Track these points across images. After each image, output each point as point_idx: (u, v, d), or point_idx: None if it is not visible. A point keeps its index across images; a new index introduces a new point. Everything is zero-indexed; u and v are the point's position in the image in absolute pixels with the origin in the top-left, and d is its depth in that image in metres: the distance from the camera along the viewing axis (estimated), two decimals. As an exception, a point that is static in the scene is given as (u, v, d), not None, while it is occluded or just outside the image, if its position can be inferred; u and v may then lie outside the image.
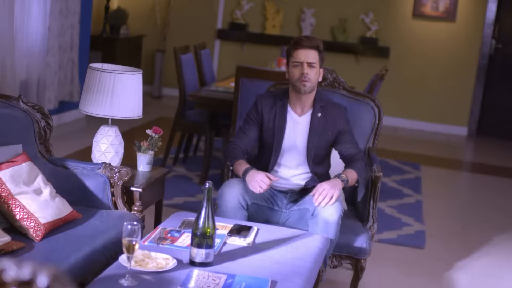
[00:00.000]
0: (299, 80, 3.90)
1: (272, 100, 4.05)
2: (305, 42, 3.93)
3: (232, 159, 3.91)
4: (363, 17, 9.97)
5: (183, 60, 6.66)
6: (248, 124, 4.04)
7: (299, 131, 4.00)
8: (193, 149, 7.40)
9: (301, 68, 3.89)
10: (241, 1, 10.24)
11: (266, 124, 4.01)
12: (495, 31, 9.93)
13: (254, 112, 4.05)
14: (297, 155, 3.99)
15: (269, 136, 4.01)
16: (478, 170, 8.24)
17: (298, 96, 3.98)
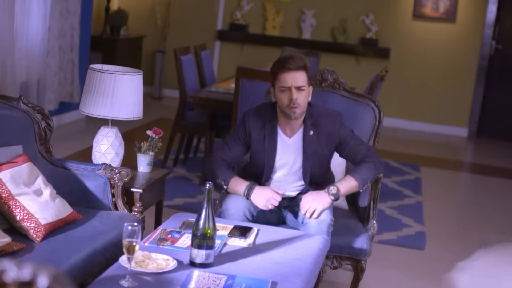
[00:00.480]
0: (288, 107, 3.68)
1: (261, 121, 3.84)
2: (291, 64, 3.68)
3: (225, 176, 3.78)
4: (363, 18, 9.97)
5: (183, 61, 6.66)
6: (234, 140, 3.87)
7: (291, 153, 3.83)
8: (193, 150, 7.40)
9: (289, 93, 3.66)
10: (241, 2, 10.24)
11: (255, 146, 3.85)
12: (495, 32, 9.93)
13: (242, 131, 3.86)
14: (291, 175, 3.87)
15: (259, 157, 3.85)
16: (478, 171, 8.24)
17: (287, 120, 3.78)
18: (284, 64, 3.69)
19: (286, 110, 3.69)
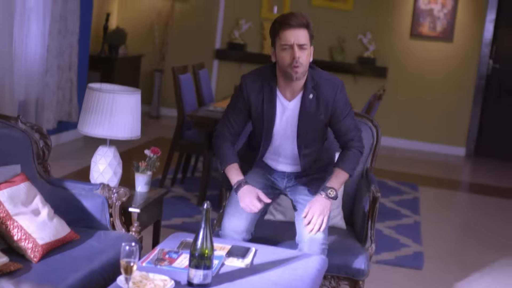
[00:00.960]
0: (290, 66, 3.54)
1: (259, 83, 3.72)
2: (293, 21, 3.54)
3: (223, 161, 3.76)
4: (361, 37, 10.00)
5: (182, 80, 6.67)
6: (233, 110, 3.79)
7: (289, 118, 3.72)
8: (191, 169, 7.39)
9: (291, 51, 3.54)
10: (239, 21, 10.27)
11: (254, 109, 3.74)
12: (493, 51, 9.96)
13: (240, 99, 3.76)
14: (288, 143, 3.78)
15: (258, 122, 3.76)
16: (476, 191, 8.24)
17: (287, 82, 3.65)
18: (286, 21, 3.56)
19: (288, 69, 3.57)
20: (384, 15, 10.02)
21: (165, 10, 10.49)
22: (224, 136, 3.80)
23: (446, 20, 9.88)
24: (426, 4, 9.90)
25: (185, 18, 10.49)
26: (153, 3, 10.49)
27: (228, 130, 3.80)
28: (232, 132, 3.80)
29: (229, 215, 3.80)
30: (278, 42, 3.59)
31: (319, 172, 3.88)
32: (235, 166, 3.75)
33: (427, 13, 9.91)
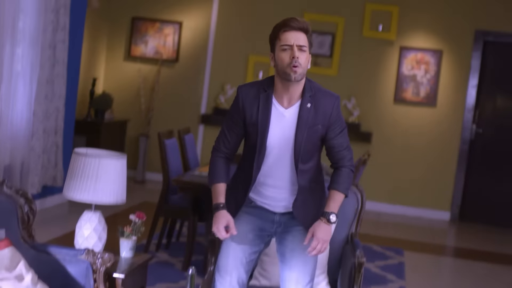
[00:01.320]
0: (289, 66, 3.53)
1: (255, 90, 3.68)
2: (294, 23, 3.58)
3: (212, 178, 3.75)
4: (346, 102, 10.09)
5: (167, 144, 6.70)
6: (229, 124, 3.75)
7: (286, 126, 3.66)
8: (176, 234, 7.36)
9: (290, 52, 3.55)
10: (225, 86, 10.36)
11: (249, 117, 3.67)
12: (476, 116, 10.08)
13: (236, 109, 3.71)
14: (285, 157, 3.68)
15: (253, 132, 3.67)
16: (461, 256, 8.23)
17: (285, 86, 3.61)
18: (287, 23, 3.59)
19: (287, 69, 3.55)
20: (368, 81, 10.14)
21: (151, 75, 10.58)
22: (220, 151, 3.79)
23: (430, 85, 10.01)
24: (409, 70, 10.04)
25: (171, 83, 10.58)
26: (139, 69, 10.58)
27: (223, 144, 3.78)
28: (228, 146, 3.77)
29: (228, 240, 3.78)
30: (278, 44, 3.61)
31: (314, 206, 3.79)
32: (220, 186, 3.73)
33: (410, 79, 10.04)
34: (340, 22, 10.15)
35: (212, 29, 10.50)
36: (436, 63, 10.01)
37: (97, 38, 10.43)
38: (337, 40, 10.16)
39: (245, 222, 3.78)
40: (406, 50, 10.06)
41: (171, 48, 10.58)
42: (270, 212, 3.80)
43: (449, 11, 9.98)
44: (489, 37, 9.97)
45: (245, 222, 3.78)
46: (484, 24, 9.93)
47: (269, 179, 3.72)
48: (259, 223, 3.80)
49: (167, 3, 10.60)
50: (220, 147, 3.79)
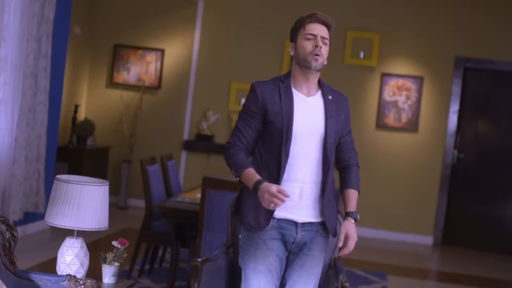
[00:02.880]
0: (311, 54, 3.60)
1: (272, 83, 3.68)
2: (320, 16, 3.66)
3: (238, 167, 3.56)
4: (328, 128, 10.12)
5: (150, 171, 6.69)
6: (245, 119, 3.66)
7: (312, 112, 3.66)
8: (159, 260, 7.34)
9: (313, 41, 3.62)
10: (207, 112, 10.39)
11: (271, 108, 3.61)
12: (457, 141, 10.15)
13: (254, 102, 3.65)
14: (312, 143, 3.64)
15: (278, 121, 3.59)
16: (445, 279, 8.25)
17: (305, 75, 3.67)
18: (314, 15, 3.67)
19: (308, 57, 3.61)
20: (350, 107, 10.15)
21: (134, 102, 10.60)
22: (237, 146, 3.66)
23: (411, 111, 10.08)
24: (391, 96, 10.10)
25: (154, 110, 10.59)
26: (121, 95, 10.59)
27: (239, 139, 3.66)
28: (244, 142, 3.66)
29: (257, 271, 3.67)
30: (301, 33, 3.66)
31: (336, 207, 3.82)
32: (250, 170, 3.54)
33: (392, 105, 10.11)
34: (322, 48, 10.21)
35: (194, 56, 10.54)
36: (417, 89, 10.09)
37: (79, 65, 10.44)
38: (319, 66, 10.20)
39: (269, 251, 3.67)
40: (387, 76, 10.13)
41: (153, 75, 10.61)
42: (291, 225, 3.67)
43: (429, 38, 10.07)
44: (469, 63, 10.06)
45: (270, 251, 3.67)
46: (464, 50, 10.03)
47: (294, 173, 3.63)
48: (282, 249, 3.70)
49: (149, 31, 10.64)
50: (236, 143, 3.67)
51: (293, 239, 3.69)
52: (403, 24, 10.12)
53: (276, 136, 3.60)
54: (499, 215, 10.07)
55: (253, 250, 3.65)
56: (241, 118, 3.70)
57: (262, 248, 3.64)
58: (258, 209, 3.58)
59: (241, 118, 3.70)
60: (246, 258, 3.69)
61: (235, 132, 3.69)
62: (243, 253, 3.73)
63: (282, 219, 3.64)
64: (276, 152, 3.60)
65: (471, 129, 10.24)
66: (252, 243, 3.66)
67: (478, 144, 10.21)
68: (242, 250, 3.74)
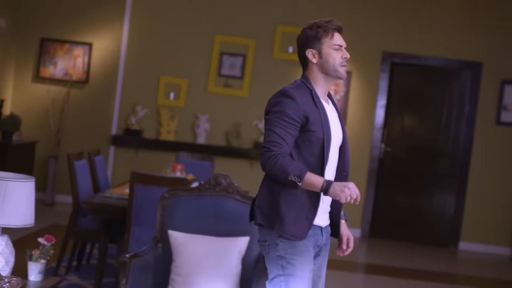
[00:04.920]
0: (340, 65, 3.64)
1: (301, 89, 3.62)
2: (341, 26, 3.69)
3: (301, 171, 3.38)
4: (257, 123, 10.17)
5: (77, 166, 6.61)
6: (286, 125, 3.51)
7: (333, 121, 3.68)
8: (87, 257, 7.26)
9: (342, 52, 3.65)
10: (135, 107, 10.31)
11: (312, 117, 3.54)
12: (384, 135, 10.30)
13: (294, 109, 3.52)
14: (336, 149, 3.68)
15: (319, 130, 3.55)
16: (372, 271, 8.36)
17: (328, 83, 3.70)
18: (338, 25, 3.68)
19: (338, 68, 3.64)
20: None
21: (61, 96, 10.45)
22: (284, 153, 3.46)
23: (339, 105, 10.17)
24: (319, 90, 10.18)
25: (81, 105, 10.47)
26: (48, 90, 10.43)
27: (283, 147, 3.48)
28: (287, 150, 3.50)
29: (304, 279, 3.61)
30: (327, 41, 3.65)
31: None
32: (310, 173, 3.43)
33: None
34: (251, 44, 10.24)
35: (123, 50, 10.45)
36: (345, 83, 10.20)
37: (4, 59, 10.25)
38: (248, 62, 10.24)
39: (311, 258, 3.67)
40: (315, 70, 10.19)
41: (81, 70, 10.48)
42: (318, 229, 3.70)
43: (357, 33, 10.18)
44: (396, 58, 10.21)
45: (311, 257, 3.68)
46: (391, 46, 10.18)
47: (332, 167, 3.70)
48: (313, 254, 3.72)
49: (77, 25, 10.50)
50: (281, 151, 3.46)
51: (320, 242, 3.74)
52: (331, 19, 10.19)
53: (316, 145, 3.57)
54: (424, 207, 10.26)
55: (299, 258, 3.59)
56: (279, 125, 3.51)
57: (306, 256, 3.62)
58: (300, 219, 3.58)
59: (278, 124, 3.51)
60: (291, 268, 3.58)
61: (276, 140, 3.48)
62: (285, 263, 3.59)
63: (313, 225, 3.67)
64: (315, 161, 3.58)
65: (398, 123, 10.41)
66: (297, 252, 3.59)
67: (404, 137, 10.38)
68: (284, 260, 3.60)
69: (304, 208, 3.56)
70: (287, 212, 3.55)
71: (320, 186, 3.40)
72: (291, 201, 3.55)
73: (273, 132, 3.50)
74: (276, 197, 3.57)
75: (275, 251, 3.60)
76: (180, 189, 4.70)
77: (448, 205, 10.28)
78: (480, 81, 10.14)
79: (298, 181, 3.38)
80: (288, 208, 3.55)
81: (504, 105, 10.05)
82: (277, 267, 3.60)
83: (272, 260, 3.61)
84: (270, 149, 3.45)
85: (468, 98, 10.19)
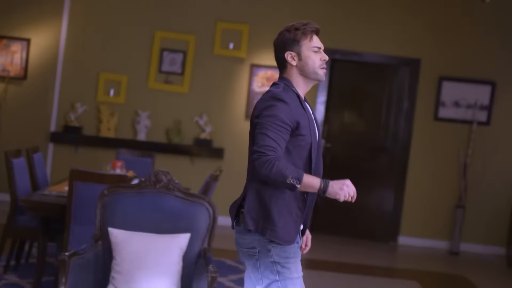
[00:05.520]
0: (319, 67, 3.67)
1: (290, 92, 3.63)
2: (318, 28, 3.74)
3: (296, 173, 3.37)
4: (197, 119, 10.14)
5: (15, 164, 6.52)
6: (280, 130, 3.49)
7: (313, 120, 3.71)
8: (25, 255, 7.16)
9: (321, 54, 3.69)
10: (75, 104, 10.20)
11: (303, 121, 3.57)
12: (325, 131, 10.36)
13: (287, 113, 3.52)
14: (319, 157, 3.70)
15: (308, 133, 3.58)
16: (313, 267, 8.40)
17: (307, 85, 3.73)
18: (316, 27, 3.72)
19: (318, 70, 3.68)
20: (220, 98, 10.24)
21: (-2, 93, 10.28)
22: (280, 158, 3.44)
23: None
24: (260, 87, 10.21)
25: (19, 101, 10.31)
26: (-15, 86, 10.26)
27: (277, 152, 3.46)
28: (281, 154, 3.49)
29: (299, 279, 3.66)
30: (306, 44, 3.69)
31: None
32: (306, 174, 3.44)
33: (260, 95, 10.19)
34: (191, 40, 10.21)
35: (62, 46, 10.32)
36: (286, 80, 10.22)
37: None
38: (189, 58, 10.21)
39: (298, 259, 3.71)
40: (256, 67, 10.23)
41: (19, 66, 10.32)
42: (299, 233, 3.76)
43: (297, 29, 10.20)
44: (336, 55, 10.28)
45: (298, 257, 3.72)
46: (331, 42, 10.24)
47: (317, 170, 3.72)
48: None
49: (14, 20, 10.33)
50: (277, 155, 3.44)
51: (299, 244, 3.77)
52: (272, 15, 10.23)
53: (304, 149, 3.60)
54: (364, 203, 10.35)
55: (293, 260, 3.64)
56: (272, 129, 3.49)
57: (298, 256, 3.68)
58: (290, 224, 3.60)
59: (271, 128, 3.49)
60: (287, 271, 3.61)
61: (270, 144, 3.47)
62: (281, 268, 3.61)
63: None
64: (302, 165, 3.60)
65: (338, 119, 10.49)
66: (289, 255, 3.62)
67: (344, 133, 10.47)
68: (279, 265, 3.61)
69: (292, 213, 3.59)
70: (278, 217, 3.56)
71: (318, 187, 3.41)
72: (281, 206, 3.57)
73: (266, 136, 3.48)
74: (266, 202, 3.59)
75: (267, 257, 3.60)
76: (120, 186, 4.67)
77: (388, 201, 10.41)
78: (419, 78, 10.27)
79: (297, 183, 3.38)
80: (279, 213, 3.57)
81: (442, 101, 10.20)
82: (272, 273, 3.61)
83: (265, 266, 3.61)
84: (265, 153, 3.44)
85: (407, 95, 10.32)
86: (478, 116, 10.20)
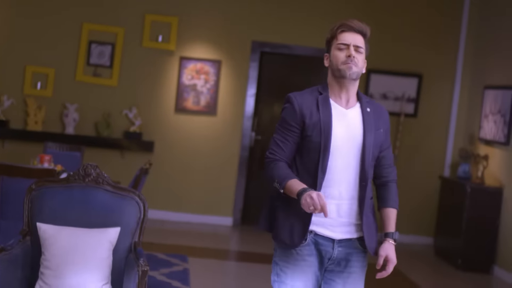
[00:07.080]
0: (344, 63, 3.49)
1: (309, 94, 3.56)
2: (354, 24, 3.55)
3: (282, 178, 3.40)
4: (127, 112, 10.07)
5: None
6: (283, 132, 3.53)
7: (350, 125, 3.54)
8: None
9: (346, 51, 3.51)
10: (1, 97, 10.01)
11: (309, 120, 3.49)
12: (254, 123, 10.41)
13: (291, 115, 3.52)
14: (350, 158, 3.53)
15: (315, 134, 3.48)
16: (244, 259, 8.47)
17: (341, 85, 3.55)
18: (346, 23, 3.57)
19: (341, 66, 3.51)
20: (149, 91, 10.18)
21: None
22: (276, 159, 3.51)
23: (210, 94, 10.21)
24: (189, 80, 10.19)
25: None
26: None
27: (278, 154, 3.51)
28: (284, 156, 3.51)
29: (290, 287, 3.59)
30: (334, 43, 3.58)
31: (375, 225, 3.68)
32: (295, 180, 3.41)
33: (191, 88, 10.19)
34: (120, 32, 10.12)
35: (-14, 38, 10.13)
36: (216, 73, 10.23)
37: None
38: (117, 51, 10.11)
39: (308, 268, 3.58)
40: (186, 60, 10.20)
41: None
42: (328, 241, 3.58)
43: (227, 22, 10.23)
44: (265, 48, 10.33)
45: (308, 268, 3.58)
46: (261, 35, 10.28)
47: (331, 189, 3.53)
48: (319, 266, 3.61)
49: None
50: (275, 157, 3.52)
51: (330, 255, 3.60)
52: (201, 8, 10.22)
53: (313, 151, 3.51)
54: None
55: (291, 267, 3.57)
56: (278, 131, 3.56)
57: (300, 265, 3.57)
58: (293, 226, 3.53)
59: (278, 131, 3.57)
60: (283, 275, 3.58)
61: (273, 147, 3.54)
62: (279, 270, 3.60)
63: (319, 234, 3.56)
64: (313, 168, 3.51)
65: (268, 111, 10.55)
66: (289, 260, 3.57)
67: (274, 126, 10.49)
68: (278, 267, 3.61)
69: (300, 216, 3.50)
70: (283, 219, 3.55)
71: (296, 195, 3.36)
72: (288, 208, 3.53)
73: (273, 138, 3.58)
74: (274, 203, 3.61)
75: (274, 256, 3.67)
76: (48, 180, 4.61)
77: (317, 192, 10.49)
78: (347, 70, 10.38)
79: (279, 187, 3.42)
80: (285, 214, 3.55)
81: (370, 94, 10.34)
82: (273, 271, 3.65)
83: (272, 263, 3.69)
84: (267, 156, 3.54)
85: (335, 87, 10.42)
86: (406, 108, 10.38)
